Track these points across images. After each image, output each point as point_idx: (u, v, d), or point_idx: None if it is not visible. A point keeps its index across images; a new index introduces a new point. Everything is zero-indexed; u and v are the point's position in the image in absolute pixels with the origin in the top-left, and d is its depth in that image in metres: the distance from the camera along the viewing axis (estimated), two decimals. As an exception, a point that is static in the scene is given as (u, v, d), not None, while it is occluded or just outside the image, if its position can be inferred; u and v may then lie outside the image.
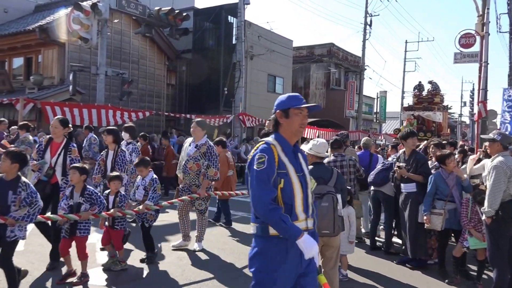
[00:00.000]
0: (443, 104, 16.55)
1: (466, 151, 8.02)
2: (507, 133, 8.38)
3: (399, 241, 6.39)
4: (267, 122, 6.65)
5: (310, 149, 4.14)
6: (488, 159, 4.64)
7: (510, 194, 4.21)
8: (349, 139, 9.69)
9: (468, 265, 5.43)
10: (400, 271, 5.34)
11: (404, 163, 5.54)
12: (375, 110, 32.79)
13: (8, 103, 12.27)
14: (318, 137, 6.80)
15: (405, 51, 35.16)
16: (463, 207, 4.95)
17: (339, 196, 3.97)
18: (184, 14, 13.43)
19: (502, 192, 4.18)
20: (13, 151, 3.94)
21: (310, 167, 3.57)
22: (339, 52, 29.63)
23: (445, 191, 5.08)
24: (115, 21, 16.07)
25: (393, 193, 5.98)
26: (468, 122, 38.94)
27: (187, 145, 5.92)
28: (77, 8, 11.36)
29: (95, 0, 11.70)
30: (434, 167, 5.63)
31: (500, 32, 23.02)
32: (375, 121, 33.03)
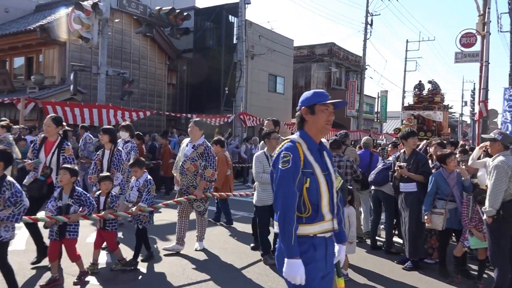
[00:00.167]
0: (444, 104, 16.53)
1: (467, 151, 8.00)
2: (508, 133, 8.37)
3: (400, 241, 6.38)
4: (266, 122, 6.64)
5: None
6: (489, 158, 4.64)
7: (511, 194, 4.21)
8: (349, 139, 9.65)
9: (469, 265, 5.44)
10: (401, 271, 5.34)
11: (405, 163, 5.54)
12: (376, 110, 32.83)
13: (9, 103, 12.32)
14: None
15: (406, 51, 35.25)
16: (464, 207, 4.95)
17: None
18: (185, 14, 13.48)
19: (503, 192, 4.18)
20: None
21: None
22: (340, 52, 29.64)
23: (446, 191, 5.07)
24: (116, 21, 16.08)
25: (394, 193, 5.98)
26: (469, 122, 38.88)
27: (184, 146, 5.81)
28: (78, 8, 11.39)
29: (96, 0, 11.72)
30: (435, 167, 5.62)
31: (501, 32, 23.03)
32: (376, 121, 33.04)
